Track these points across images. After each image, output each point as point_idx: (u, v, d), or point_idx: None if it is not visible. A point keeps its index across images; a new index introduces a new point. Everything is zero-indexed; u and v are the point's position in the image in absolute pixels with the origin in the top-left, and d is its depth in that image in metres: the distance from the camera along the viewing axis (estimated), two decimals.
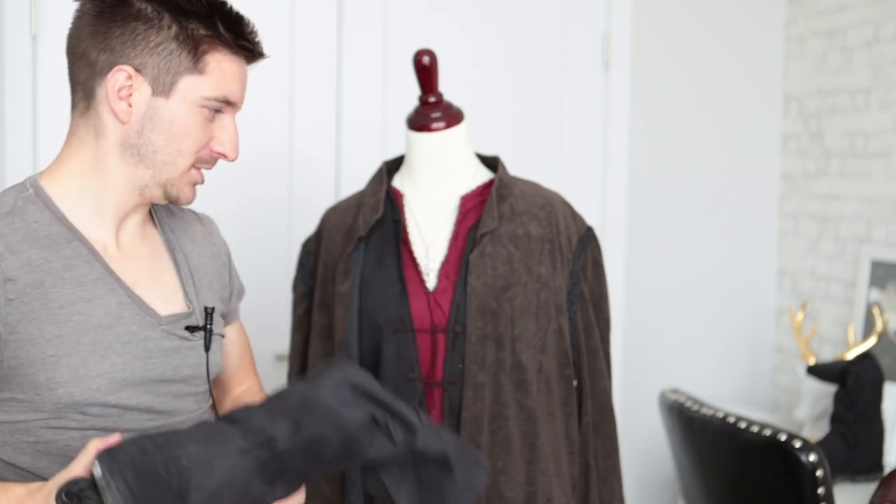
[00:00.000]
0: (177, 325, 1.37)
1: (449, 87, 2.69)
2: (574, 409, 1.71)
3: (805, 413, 2.55)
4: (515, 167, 1.85)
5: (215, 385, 1.56)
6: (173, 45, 1.29)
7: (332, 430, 1.19)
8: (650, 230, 3.04)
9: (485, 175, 1.77)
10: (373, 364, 1.67)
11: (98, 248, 1.33)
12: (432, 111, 1.73)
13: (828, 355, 2.93)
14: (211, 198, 2.72)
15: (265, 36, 2.90)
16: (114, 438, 1.15)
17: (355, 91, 2.79)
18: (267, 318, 2.74)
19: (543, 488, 1.66)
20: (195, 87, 1.30)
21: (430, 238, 1.70)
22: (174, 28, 1.29)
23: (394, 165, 1.81)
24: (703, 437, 2.27)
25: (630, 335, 3.02)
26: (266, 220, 2.74)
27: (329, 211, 1.81)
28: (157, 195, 1.35)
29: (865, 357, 2.42)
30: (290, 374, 1.81)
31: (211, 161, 1.36)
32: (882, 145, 2.76)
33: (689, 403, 2.37)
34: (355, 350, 1.67)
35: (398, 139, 2.75)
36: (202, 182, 1.37)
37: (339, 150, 2.79)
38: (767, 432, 2.04)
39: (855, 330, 2.76)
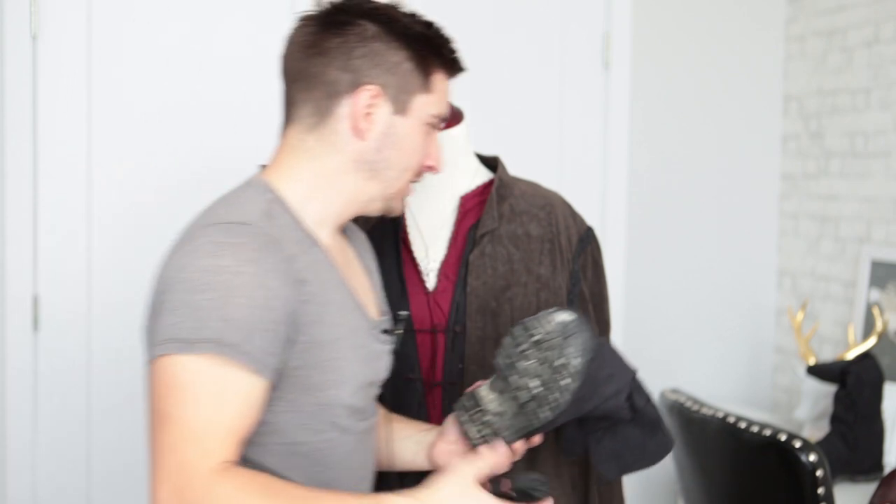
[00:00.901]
0: (378, 329, 1.43)
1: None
2: None
3: (805, 413, 2.55)
4: (515, 167, 1.85)
5: None
6: (409, 66, 1.34)
7: (595, 394, 1.36)
8: (650, 230, 3.04)
9: (484, 175, 1.77)
10: None
11: (330, 254, 1.36)
12: None
13: (828, 355, 2.93)
14: (211, 198, 2.72)
15: (265, 35, 2.91)
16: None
17: None
18: None
19: None
20: (425, 106, 1.37)
21: (429, 238, 1.70)
22: (408, 49, 1.34)
23: None
24: (703, 437, 2.27)
25: (630, 335, 3.02)
26: None
27: None
28: (377, 208, 1.40)
29: (865, 357, 2.43)
30: None
31: (421, 174, 1.43)
32: (882, 145, 2.76)
33: (689, 403, 2.37)
34: None
35: None
36: (411, 195, 1.46)
37: None
38: (767, 432, 2.04)
39: (855, 330, 2.76)
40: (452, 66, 1.40)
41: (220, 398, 1.17)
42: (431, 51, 1.36)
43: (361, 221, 1.70)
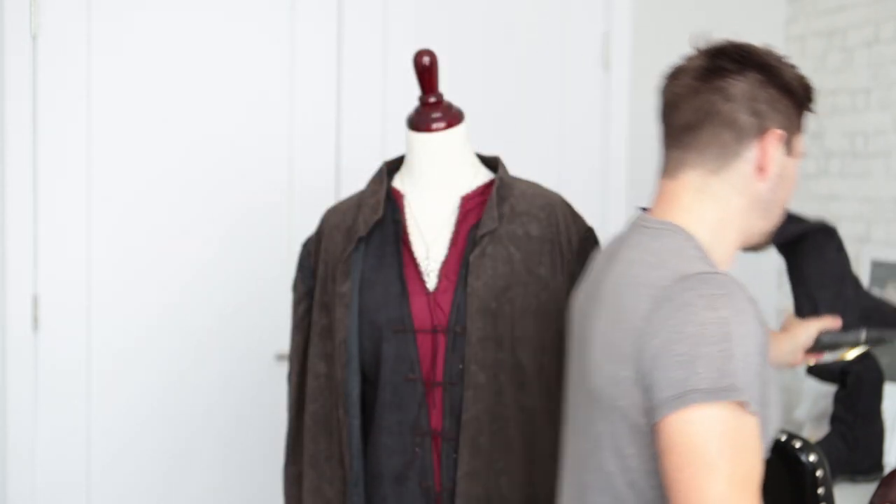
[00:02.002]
0: None
1: (449, 88, 2.69)
2: None
3: (805, 413, 2.55)
4: (515, 167, 1.85)
5: None
6: (794, 110, 1.40)
7: None
8: None
9: (485, 175, 1.77)
10: (373, 364, 1.67)
11: None
12: (432, 111, 1.73)
13: (828, 355, 2.92)
14: (211, 198, 2.72)
15: (265, 35, 2.91)
16: None
17: (355, 91, 2.79)
18: (267, 318, 2.74)
19: (544, 489, 1.66)
20: (800, 145, 1.42)
21: (430, 238, 1.70)
22: (792, 93, 1.39)
23: (394, 166, 1.81)
24: None
25: None
26: (266, 220, 2.74)
27: (329, 211, 1.81)
28: (755, 242, 1.46)
29: (865, 357, 2.42)
30: (290, 374, 1.80)
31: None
32: (882, 145, 2.76)
33: None
34: (355, 350, 1.67)
35: (398, 139, 2.75)
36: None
37: (339, 150, 2.79)
38: None
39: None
40: (812, 103, 1.45)
41: (752, 444, 1.21)
42: (805, 93, 1.42)
43: (362, 222, 1.70)
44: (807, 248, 2.08)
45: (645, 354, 1.23)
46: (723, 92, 1.35)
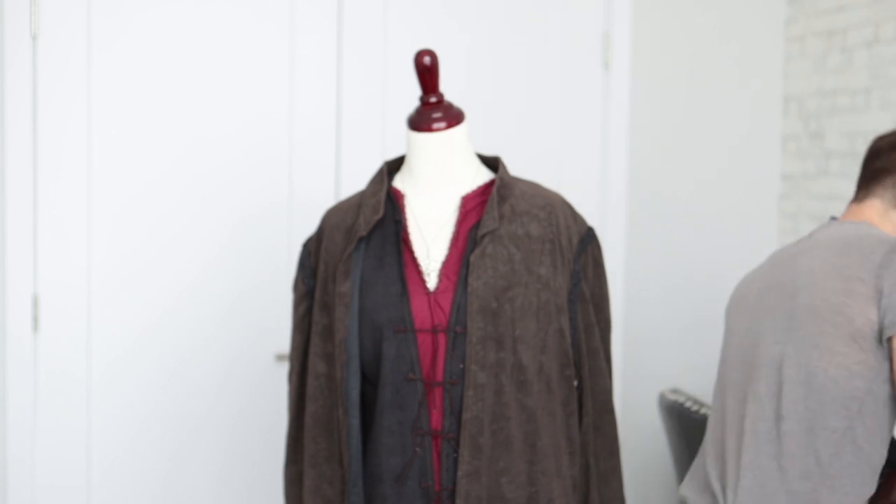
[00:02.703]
0: None
1: (450, 88, 2.70)
2: (575, 409, 1.72)
3: None
4: (515, 167, 1.85)
5: None
6: None
7: None
8: (650, 230, 3.04)
9: (485, 175, 1.77)
10: (373, 364, 1.67)
11: None
12: (433, 111, 1.73)
13: None
14: (212, 199, 2.72)
15: (265, 35, 2.91)
16: None
17: (355, 91, 2.79)
18: (267, 318, 2.74)
19: (545, 488, 1.66)
20: None
21: (430, 238, 1.70)
22: None
23: (394, 166, 1.81)
24: (703, 437, 2.27)
25: (630, 335, 3.02)
26: (266, 220, 2.74)
27: (329, 211, 1.81)
28: None
29: None
30: (291, 375, 1.81)
31: None
32: None
33: (688, 403, 2.37)
34: (355, 350, 1.67)
35: (398, 139, 2.76)
36: None
37: (339, 150, 2.79)
38: None
39: None
40: None
41: None
42: None
43: (362, 222, 1.70)
44: None
45: (884, 283, 1.64)
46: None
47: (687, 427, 2.34)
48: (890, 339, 1.62)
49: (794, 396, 1.67)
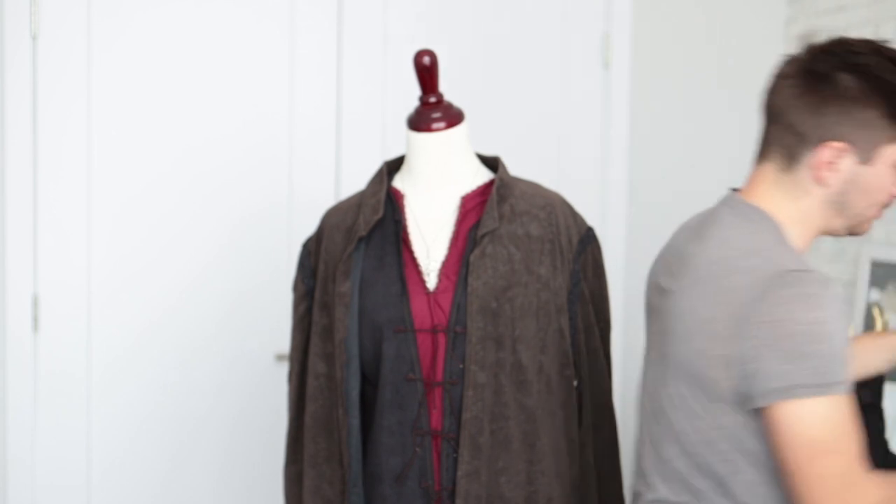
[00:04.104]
0: None
1: (449, 88, 2.70)
2: (574, 409, 1.72)
3: None
4: (515, 167, 1.85)
5: None
6: (881, 121, 1.40)
7: None
8: (650, 230, 3.03)
9: (485, 175, 1.77)
10: (373, 364, 1.67)
11: None
12: (433, 111, 1.73)
13: None
14: (212, 198, 2.72)
15: (265, 35, 2.91)
16: None
17: (355, 91, 2.79)
18: (267, 318, 2.74)
19: (544, 488, 1.66)
20: (893, 153, 1.42)
21: (430, 238, 1.70)
22: (883, 105, 1.40)
23: (394, 166, 1.81)
24: None
25: (630, 335, 3.02)
26: (266, 220, 2.74)
27: (329, 211, 1.81)
28: (840, 233, 1.51)
29: None
30: (291, 375, 1.81)
31: (890, 203, 1.49)
32: None
33: None
34: (355, 350, 1.67)
35: (398, 139, 2.75)
36: (880, 217, 1.50)
37: (339, 150, 2.79)
38: None
39: (855, 330, 2.76)
40: None
41: (854, 425, 1.37)
42: None
43: (362, 222, 1.70)
44: None
45: (747, 343, 1.35)
46: (797, 100, 1.43)
47: None
48: (761, 410, 1.36)
49: (669, 453, 1.47)
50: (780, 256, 1.40)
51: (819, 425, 1.34)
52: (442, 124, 1.73)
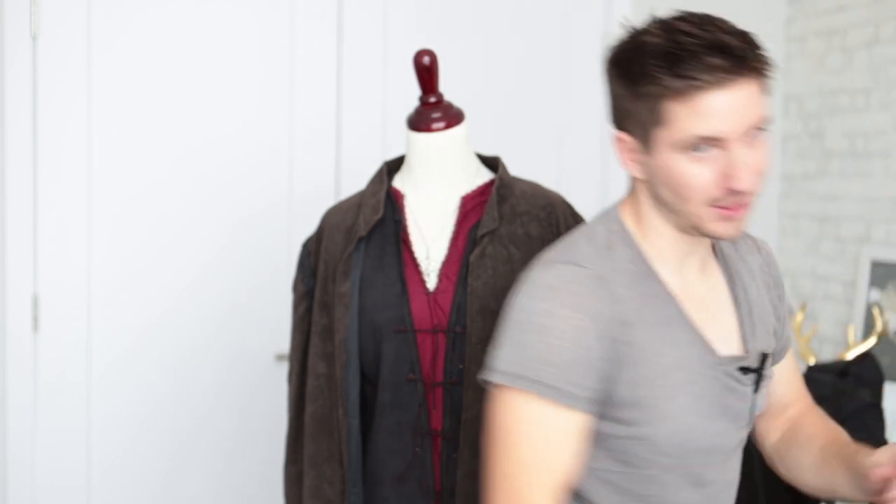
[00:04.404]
0: (732, 365, 1.36)
1: (449, 88, 2.69)
2: None
3: None
4: (515, 167, 1.85)
5: (766, 414, 1.58)
6: (639, 106, 1.28)
7: None
8: None
9: (485, 175, 1.77)
10: (373, 364, 1.67)
11: (669, 287, 1.34)
12: (433, 111, 1.73)
13: (828, 355, 2.92)
14: (212, 199, 2.72)
15: (265, 35, 2.91)
16: None
17: (355, 91, 2.79)
18: (267, 318, 2.74)
19: None
20: (667, 137, 1.27)
21: (430, 238, 1.70)
22: (636, 89, 1.28)
23: (394, 166, 1.81)
24: None
25: None
26: (266, 220, 2.74)
27: (329, 211, 1.81)
28: (697, 234, 1.34)
29: (865, 357, 2.42)
30: (290, 375, 1.80)
31: (726, 197, 1.28)
32: (882, 145, 2.76)
33: None
34: (355, 350, 1.66)
35: (398, 139, 2.75)
36: (738, 217, 1.29)
37: (339, 150, 2.79)
38: None
39: (855, 330, 2.76)
40: (685, 86, 1.25)
41: (545, 434, 1.26)
42: (654, 84, 1.26)
43: (362, 222, 1.70)
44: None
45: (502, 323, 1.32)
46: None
47: None
48: None
49: None
50: (566, 248, 1.33)
51: (501, 413, 1.28)
52: (442, 124, 1.73)
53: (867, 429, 2.29)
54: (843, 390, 2.34)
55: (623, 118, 1.32)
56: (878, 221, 2.77)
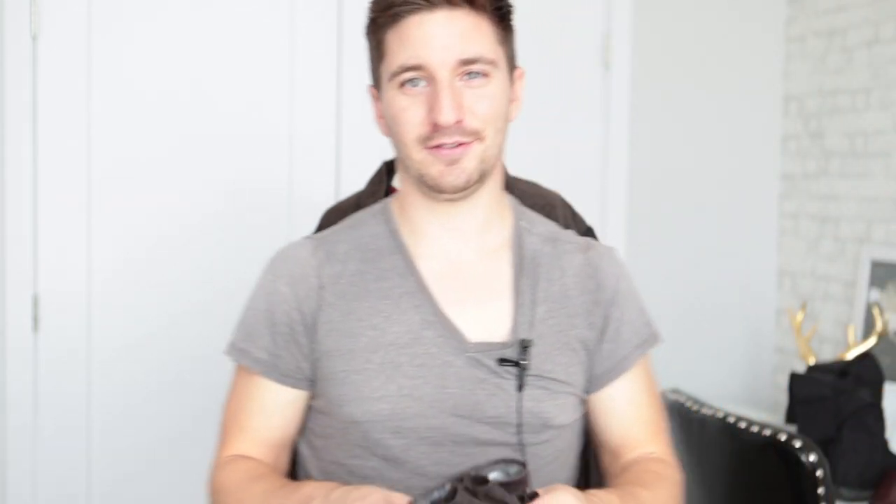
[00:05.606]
0: (488, 354, 1.25)
1: None
2: None
3: None
4: (515, 167, 1.85)
5: (606, 451, 1.39)
6: (371, 50, 1.35)
7: None
8: (650, 230, 3.04)
9: None
10: None
11: (422, 262, 1.28)
12: None
13: (828, 355, 2.92)
14: (212, 198, 2.72)
15: (265, 35, 2.90)
16: (401, 501, 1.09)
17: (355, 91, 2.79)
18: None
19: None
20: (386, 71, 1.29)
21: None
22: (368, 34, 1.37)
23: (394, 165, 1.80)
24: (703, 437, 2.27)
25: None
26: (266, 219, 2.74)
27: (329, 211, 1.81)
28: (426, 191, 1.28)
29: (865, 357, 2.42)
30: None
31: (434, 134, 1.23)
32: (882, 145, 2.76)
33: (689, 403, 2.36)
34: None
35: None
36: (452, 158, 1.23)
37: (339, 150, 2.78)
38: (767, 432, 2.04)
39: (855, 330, 2.76)
40: (391, 15, 1.28)
41: (239, 398, 1.35)
42: (371, 22, 1.36)
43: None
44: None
45: None
46: None
47: (687, 427, 2.34)
48: None
49: None
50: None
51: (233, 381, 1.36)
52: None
53: (867, 429, 2.29)
54: (843, 390, 2.34)
55: (372, 74, 1.35)
56: (877, 221, 2.77)
